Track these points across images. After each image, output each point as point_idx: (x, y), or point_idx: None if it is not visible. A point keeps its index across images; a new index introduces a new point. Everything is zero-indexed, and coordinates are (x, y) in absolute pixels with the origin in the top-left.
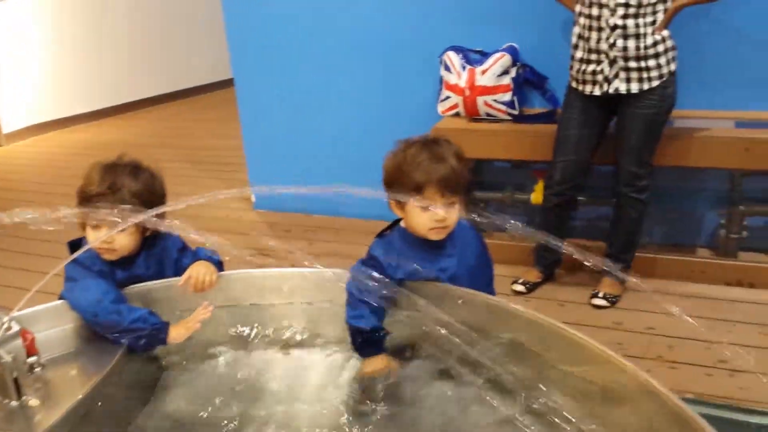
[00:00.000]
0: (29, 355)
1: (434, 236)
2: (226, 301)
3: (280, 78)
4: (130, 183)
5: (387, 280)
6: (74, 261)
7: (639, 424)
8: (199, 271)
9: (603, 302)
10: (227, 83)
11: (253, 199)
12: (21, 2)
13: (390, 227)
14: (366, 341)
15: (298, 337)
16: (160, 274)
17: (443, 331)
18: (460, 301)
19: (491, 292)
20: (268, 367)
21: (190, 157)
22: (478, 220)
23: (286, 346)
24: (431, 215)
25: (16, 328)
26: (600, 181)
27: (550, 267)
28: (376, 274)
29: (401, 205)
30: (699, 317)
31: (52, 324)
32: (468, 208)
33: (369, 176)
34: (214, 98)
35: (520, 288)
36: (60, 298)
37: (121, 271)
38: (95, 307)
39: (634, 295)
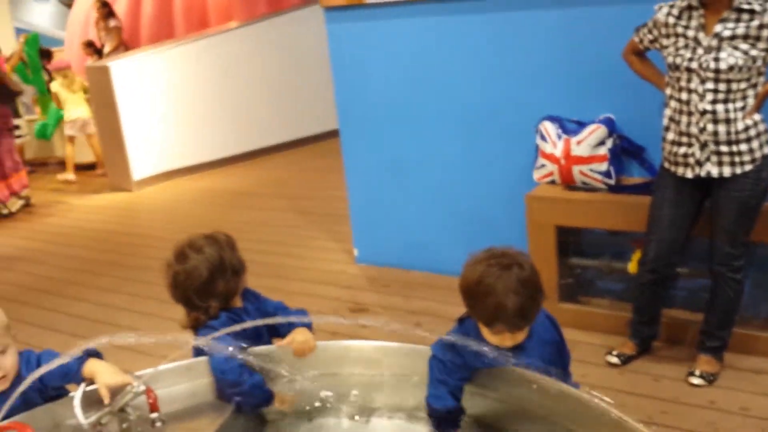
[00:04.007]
0: (152, 411)
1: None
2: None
3: (383, 137)
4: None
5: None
6: (210, 327)
7: None
8: (299, 339)
9: (700, 381)
10: (337, 133)
11: (356, 252)
12: (150, 59)
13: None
14: (442, 421)
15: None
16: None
17: None
18: (534, 386)
19: (566, 377)
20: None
21: (298, 207)
22: None
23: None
24: (499, 340)
25: (142, 387)
26: (704, 250)
27: (647, 340)
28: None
29: None
30: None
31: (172, 383)
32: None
33: (466, 233)
34: (327, 147)
35: (614, 360)
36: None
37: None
38: (224, 365)
39: (732, 372)
